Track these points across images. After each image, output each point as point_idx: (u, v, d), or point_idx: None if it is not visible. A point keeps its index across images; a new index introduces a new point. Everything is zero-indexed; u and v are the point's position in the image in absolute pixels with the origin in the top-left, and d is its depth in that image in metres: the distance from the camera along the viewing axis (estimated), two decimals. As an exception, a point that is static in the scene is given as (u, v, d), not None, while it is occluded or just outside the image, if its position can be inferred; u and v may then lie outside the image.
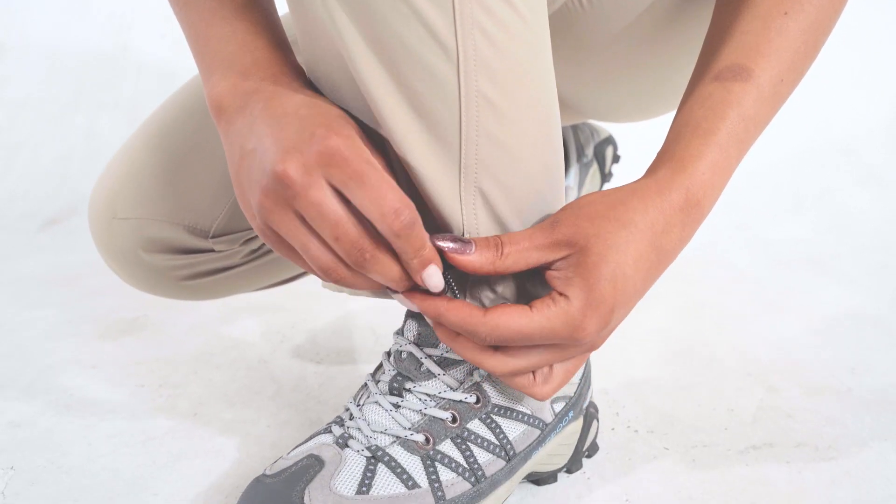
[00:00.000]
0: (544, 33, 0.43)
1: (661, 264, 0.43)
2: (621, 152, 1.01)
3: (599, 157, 0.99)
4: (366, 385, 0.51)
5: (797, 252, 1.21)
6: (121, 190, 0.62)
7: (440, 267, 0.41)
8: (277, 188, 0.38)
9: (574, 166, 0.97)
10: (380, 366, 0.52)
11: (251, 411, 0.69)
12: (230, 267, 0.66)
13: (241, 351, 0.83)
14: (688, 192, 0.43)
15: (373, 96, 0.39)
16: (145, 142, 0.63)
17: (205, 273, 0.65)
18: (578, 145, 0.98)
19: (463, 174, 0.41)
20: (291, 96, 0.42)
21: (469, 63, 0.39)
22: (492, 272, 0.42)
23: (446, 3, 0.37)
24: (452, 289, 0.44)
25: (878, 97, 1.77)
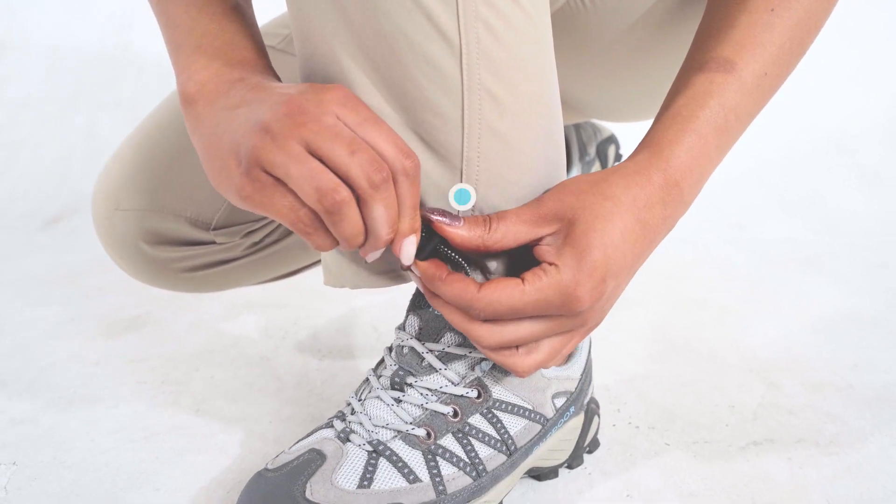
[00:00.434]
0: (546, 29, 0.43)
1: (647, 239, 0.43)
2: (624, 151, 1.01)
3: (602, 155, 0.99)
4: (367, 380, 0.52)
5: (796, 252, 1.21)
6: (123, 182, 0.62)
7: (417, 239, 0.41)
8: (283, 119, 0.38)
9: (576, 165, 0.97)
10: (381, 361, 0.52)
11: (253, 408, 0.69)
12: (231, 259, 0.66)
13: (243, 348, 0.83)
14: (665, 173, 0.44)
15: (373, 88, 0.40)
16: (148, 134, 0.63)
17: (206, 265, 0.65)
18: (581, 144, 0.98)
19: (465, 166, 0.42)
20: (280, 84, 0.42)
21: (472, 56, 0.39)
22: (481, 247, 0.42)
23: None
24: (458, 262, 0.44)
25: (873, 96, 1.77)
